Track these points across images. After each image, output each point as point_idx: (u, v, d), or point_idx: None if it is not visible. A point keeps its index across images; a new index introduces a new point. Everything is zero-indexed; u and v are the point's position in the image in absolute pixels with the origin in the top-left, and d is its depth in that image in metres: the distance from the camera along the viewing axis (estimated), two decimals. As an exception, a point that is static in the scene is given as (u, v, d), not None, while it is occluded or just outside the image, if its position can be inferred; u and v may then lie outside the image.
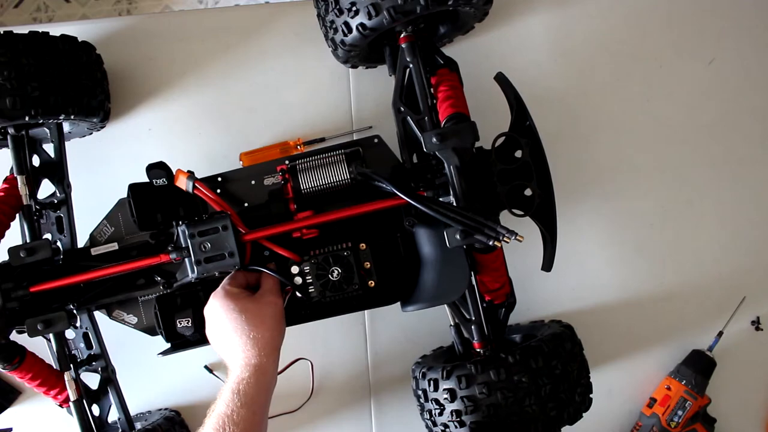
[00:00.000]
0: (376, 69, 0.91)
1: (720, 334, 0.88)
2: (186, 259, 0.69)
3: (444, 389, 0.71)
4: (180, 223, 0.70)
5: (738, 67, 0.93)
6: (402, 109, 0.74)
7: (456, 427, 0.70)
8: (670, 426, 0.85)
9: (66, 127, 0.85)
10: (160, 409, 0.89)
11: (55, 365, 0.78)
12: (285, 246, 0.72)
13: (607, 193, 0.91)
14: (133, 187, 0.74)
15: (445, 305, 0.78)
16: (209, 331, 0.70)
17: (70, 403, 0.76)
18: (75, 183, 0.82)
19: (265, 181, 0.77)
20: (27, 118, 0.74)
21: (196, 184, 0.73)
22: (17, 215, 0.79)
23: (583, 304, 0.90)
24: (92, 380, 0.80)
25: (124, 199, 0.76)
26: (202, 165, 0.80)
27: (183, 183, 0.73)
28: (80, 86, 0.80)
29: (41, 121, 0.78)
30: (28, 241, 0.77)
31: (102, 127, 0.91)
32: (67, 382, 0.76)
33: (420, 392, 0.76)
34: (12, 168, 0.79)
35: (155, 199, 0.75)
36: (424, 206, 0.68)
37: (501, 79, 0.74)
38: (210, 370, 0.89)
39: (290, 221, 0.73)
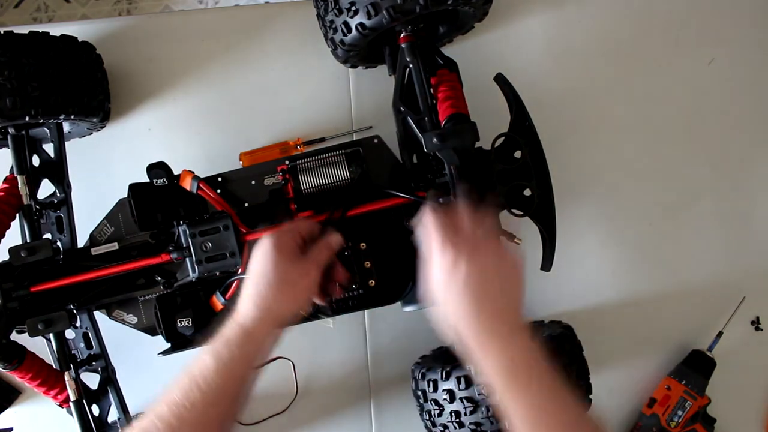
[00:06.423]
0: (376, 69, 0.91)
1: (720, 334, 0.88)
2: (187, 259, 0.69)
3: (443, 390, 0.71)
4: (181, 222, 0.70)
5: (738, 67, 0.93)
6: (402, 109, 0.74)
7: (455, 427, 0.70)
8: (670, 426, 0.85)
9: (66, 127, 0.85)
10: (160, 409, 0.89)
11: (55, 365, 0.78)
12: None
13: (606, 193, 0.91)
14: (133, 187, 0.75)
15: (445, 305, 0.78)
16: (251, 265, 0.63)
17: (70, 403, 0.76)
18: (75, 183, 0.82)
19: (265, 181, 0.77)
20: (27, 118, 0.74)
21: (200, 185, 0.73)
22: (17, 215, 0.79)
23: (583, 304, 0.90)
24: (92, 380, 0.80)
25: (124, 199, 0.76)
26: (202, 165, 0.80)
27: (188, 183, 0.73)
28: (80, 86, 0.80)
29: (41, 121, 0.78)
30: (28, 240, 0.77)
31: (102, 127, 0.91)
32: (67, 382, 0.76)
33: (419, 393, 0.76)
34: (12, 168, 0.79)
35: (155, 199, 0.75)
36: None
37: (500, 80, 0.74)
38: None
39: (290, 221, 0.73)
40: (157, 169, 0.75)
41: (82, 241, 0.79)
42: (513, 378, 0.54)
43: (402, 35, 0.76)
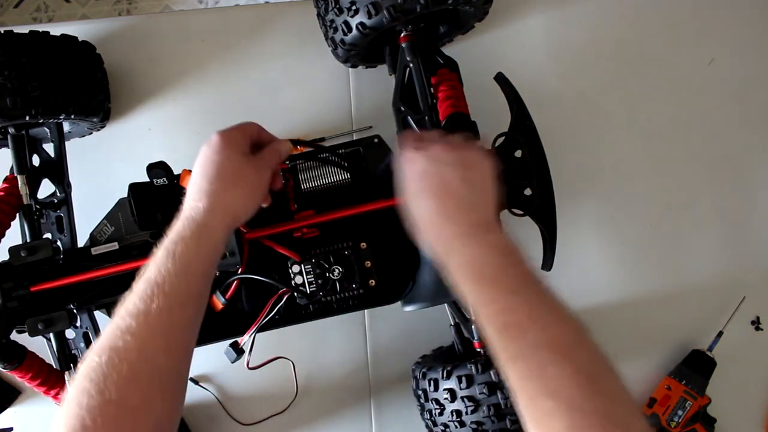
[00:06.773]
0: (376, 69, 0.91)
1: (720, 334, 0.88)
2: (186, 259, 0.69)
3: (444, 389, 0.71)
4: (180, 222, 0.70)
5: (738, 67, 0.93)
6: (402, 108, 0.74)
7: (456, 427, 0.70)
8: (670, 426, 0.85)
9: (66, 126, 0.85)
10: (160, 409, 0.88)
11: (55, 365, 0.78)
12: (286, 246, 0.72)
13: (606, 192, 0.91)
14: (134, 187, 0.74)
15: (445, 305, 0.78)
16: (199, 159, 0.60)
17: (70, 403, 0.76)
18: (75, 183, 0.82)
19: (265, 180, 0.77)
20: (27, 118, 0.74)
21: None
22: (17, 215, 0.79)
23: (583, 304, 0.90)
24: (92, 380, 0.79)
25: (124, 199, 0.76)
26: (203, 165, 0.80)
27: (188, 183, 0.73)
28: (80, 86, 0.80)
29: (41, 120, 0.78)
30: (28, 240, 0.77)
31: (102, 127, 0.91)
32: (67, 382, 0.75)
33: (420, 392, 0.76)
34: (12, 167, 0.79)
35: (155, 199, 0.75)
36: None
37: (501, 79, 0.74)
38: (196, 382, 0.88)
39: (291, 221, 0.73)
40: (157, 168, 0.74)
41: (82, 241, 0.79)
42: (478, 276, 0.51)
43: (402, 35, 0.76)
